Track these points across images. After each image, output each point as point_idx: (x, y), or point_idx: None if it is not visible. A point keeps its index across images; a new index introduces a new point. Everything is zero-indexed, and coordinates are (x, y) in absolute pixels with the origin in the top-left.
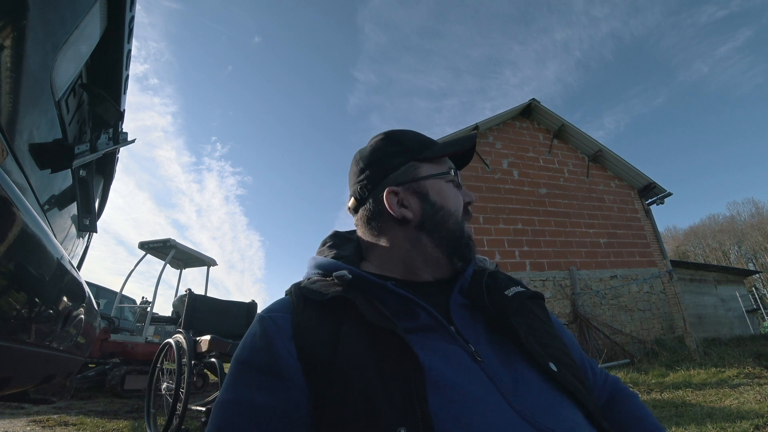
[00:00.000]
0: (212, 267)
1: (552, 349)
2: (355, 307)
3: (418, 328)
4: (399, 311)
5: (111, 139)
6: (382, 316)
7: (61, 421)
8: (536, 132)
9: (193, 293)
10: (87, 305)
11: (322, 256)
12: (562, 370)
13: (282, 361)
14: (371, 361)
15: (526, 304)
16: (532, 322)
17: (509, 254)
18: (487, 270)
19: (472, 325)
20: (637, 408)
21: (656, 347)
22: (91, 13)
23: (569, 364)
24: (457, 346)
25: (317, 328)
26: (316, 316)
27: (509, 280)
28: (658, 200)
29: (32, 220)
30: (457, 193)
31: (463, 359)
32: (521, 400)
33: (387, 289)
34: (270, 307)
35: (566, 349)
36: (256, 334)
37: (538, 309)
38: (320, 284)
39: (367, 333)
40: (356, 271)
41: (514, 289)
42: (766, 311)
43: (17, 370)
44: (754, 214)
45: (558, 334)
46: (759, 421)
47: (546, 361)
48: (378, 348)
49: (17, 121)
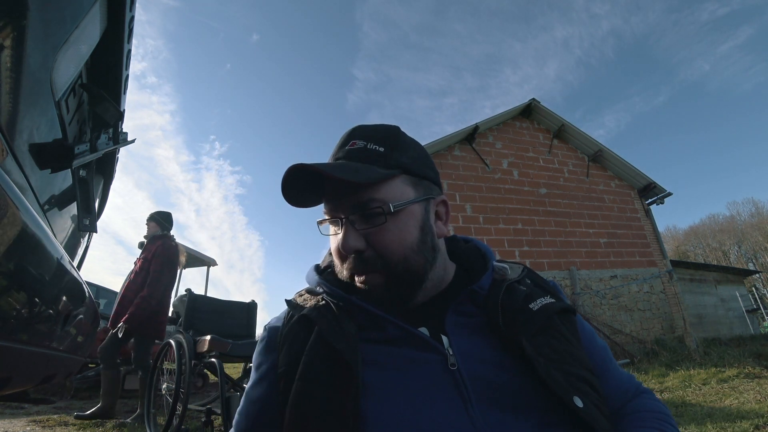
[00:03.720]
0: (212, 267)
1: (576, 379)
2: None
3: (387, 339)
4: (367, 324)
5: (111, 139)
6: (338, 335)
7: (61, 421)
8: (536, 132)
9: (193, 293)
10: (87, 305)
11: (318, 264)
12: (588, 403)
13: (265, 366)
14: (324, 375)
15: (553, 321)
16: (557, 344)
17: (509, 254)
18: (506, 281)
19: (472, 338)
20: (654, 401)
21: (656, 347)
22: (91, 13)
23: (593, 395)
24: (429, 353)
25: (295, 340)
26: (296, 329)
27: (538, 287)
28: (658, 200)
29: (32, 220)
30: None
31: (432, 368)
32: (487, 416)
33: (352, 303)
34: (275, 317)
35: (591, 376)
36: (259, 341)
37: (567, 326)
38: (303, 298)
39: (326, 349)
40: (327, 285)
41: (541, 301)
42: (766, 311)
43: (17, 370)
44: (754, 214)
45: (585, 357)
46: (759, 421)
47: (570, 396)
48: (331, 363)
49: (17, 121)
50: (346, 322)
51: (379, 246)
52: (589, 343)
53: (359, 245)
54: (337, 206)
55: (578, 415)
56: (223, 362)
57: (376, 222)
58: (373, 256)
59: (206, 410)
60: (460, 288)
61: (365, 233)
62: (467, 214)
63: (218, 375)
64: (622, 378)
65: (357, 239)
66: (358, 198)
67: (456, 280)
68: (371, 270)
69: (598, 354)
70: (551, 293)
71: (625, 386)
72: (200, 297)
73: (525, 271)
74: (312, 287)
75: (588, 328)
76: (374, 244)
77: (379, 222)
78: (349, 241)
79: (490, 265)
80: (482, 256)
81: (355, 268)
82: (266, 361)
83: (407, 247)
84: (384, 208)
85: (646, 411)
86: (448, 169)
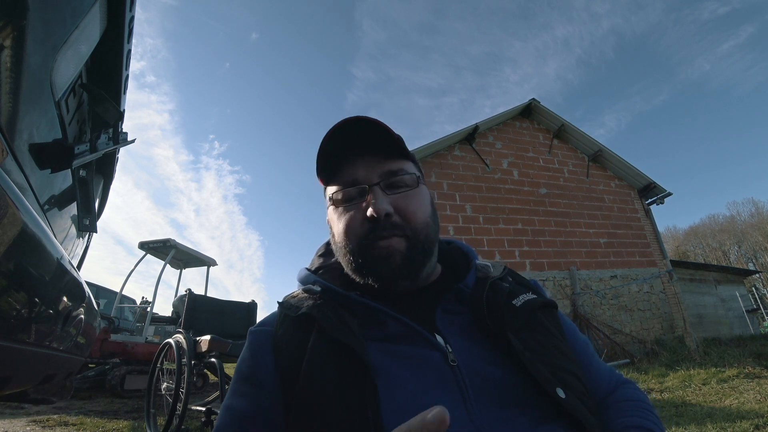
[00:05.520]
0: (212, 267)
1: (562, 372)
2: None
3: (387, 336)
4: (367, 320)
5: (111, 139)
6: (344, 331)
7: (61, 421)
8: (536, 132)
9: (193, 293)
10: (87, 305)
11: (309, 266)
12: (570, 396)
13: (259, 372)
14: (332, 374)
15: (536, 315)
16: (542, 338)
17: (509, 254)
18: (489, 279)
19: (463, 336)
20: (634, 391)
21: (656, 347)
22: (91, 13)
23: (579, 387)
24: (430, 350)
25: (291, 342)
26: (292, 330)
27: (519, 284)
28: (658, 200)
29: (32, 220)
30: (342, 217)
31: (434, 364)
32: (485, 413)
33: (352, 299)
34: (261, 320)
35: (577, 368)
36: (246, 347)
37: (550, 320)
38: (298, 299)
39: (330, 347)
40: (324, 283)
41: (523, 297)
42: (766, 311)
43: (17, 370)
44: (754, 214)
45: (569, 350)
46: (759, 421)
47: (553, 387)
48: (339, 361)
49: (17, 121)
50: (349, 319)
51: (408, 211)
52: (571, 337)
53: (389, 209)
54: (366, 173)
55: (561, 406)
56: (223, 362)
57: (407, 189)
58: (400, 222)
59: (206, 410)
60: (444, 286)
61: (393, 200)
62: (467, 214)
63: (218, 375)
64: (604, 370)
65: (387, 203)
66: (389, 166)
67: (441, 279)
68: (396, 234)
69: (580, 347)
70: (532, 290)
71: (608, 377)
72: (200, 297)
73: (506, 270)
74: (308, 286)
75: (569, 322)
76: (403, 210)
77: (411, 188)
78: (383, 203)
79: (474, 264)
80: (464, 255)
81: (381, 231)
82: (259, 367)
83: (427, 216)
84: (414, 178)
85: (627, 400)
86: (448, 169)
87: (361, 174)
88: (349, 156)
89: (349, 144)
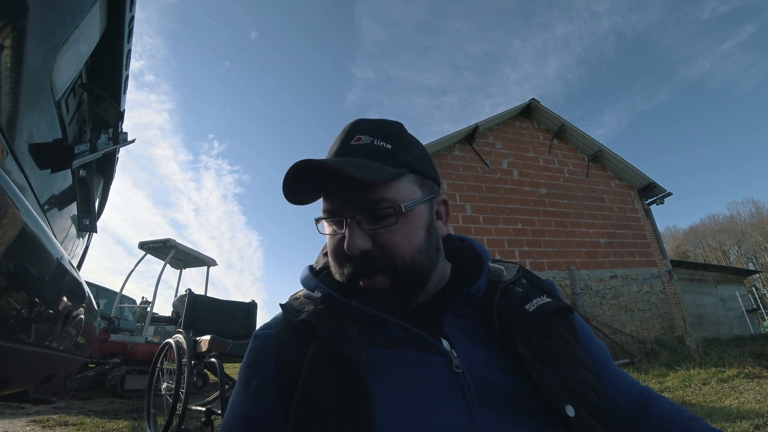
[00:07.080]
0: (212, 267)
1: (574, 382)
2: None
3: (390, 342)
4: (370, 327)
5: (111, 139)
6: (342, 340)
7: (61, 421)
8: (536, 132)
9: (193, 293)
10: (87, 305)
11: (314, 264)
12: (581, 412)
13: (260, 377)
14: (329, 383)
15: (550, 321)
16: (555, 346)
17: (509, 254)
18: (501, 283)
19: (471, 340)
20: (670, 404)
21: (656, 347)
22: (91, 13)
23: (593, 398)
24: (434, 355)
25: (292, 348)
26: (293, 335)
27: (534, 287)
28: (658, 200)
29: (32, 220)
30: (330, 240)
31: (438, 369)
32: (489, 419)
33: (352, 307)
34: (266, 323)
35: (591, 377)
36: (248, 351)
37: (565, 325)
38: (299, 301)
39: (329, 356)
40: (325, 289)
41: (537, 302)
42: (766, 311)
43: (17, 370)
44: (754, 214)
45: (584, 358)
46: (759, 421)
47: (562, 404)
48: (337, 372)
49: (17, 121)
50: (349, 326)
51: (388, 247)
52: (587, 342)
53: (366, 245)
54: (341, 205)
55: (569, 425)
56: (223, 362)
57: (387, 223)
58: (380, 256)
59: (206, 410)
60: (456, 289)
61: (372, 233)
62: (467, 214)
63: (218, 375)
64: (622, 376)
65: (364, 239)
66: (366, 197)
67: (452, 280)
68: (377, 271)
69: (597, 353)
70: (548, 292)
71: (627, 383)
72: (200, 297)
73: (521, 272)
74: (309, 290)
75: (585, 326)
76: (383, 245)
77: (390, 223)
78: (357, 241)
79: (486, 267)
80: (477, 256)
81: (360, 269)
82: (261, 372)
83: (414, 249)
84: (395, 209)
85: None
86: (448, 169)
87: (337, 205)
88: (327, 181)
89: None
